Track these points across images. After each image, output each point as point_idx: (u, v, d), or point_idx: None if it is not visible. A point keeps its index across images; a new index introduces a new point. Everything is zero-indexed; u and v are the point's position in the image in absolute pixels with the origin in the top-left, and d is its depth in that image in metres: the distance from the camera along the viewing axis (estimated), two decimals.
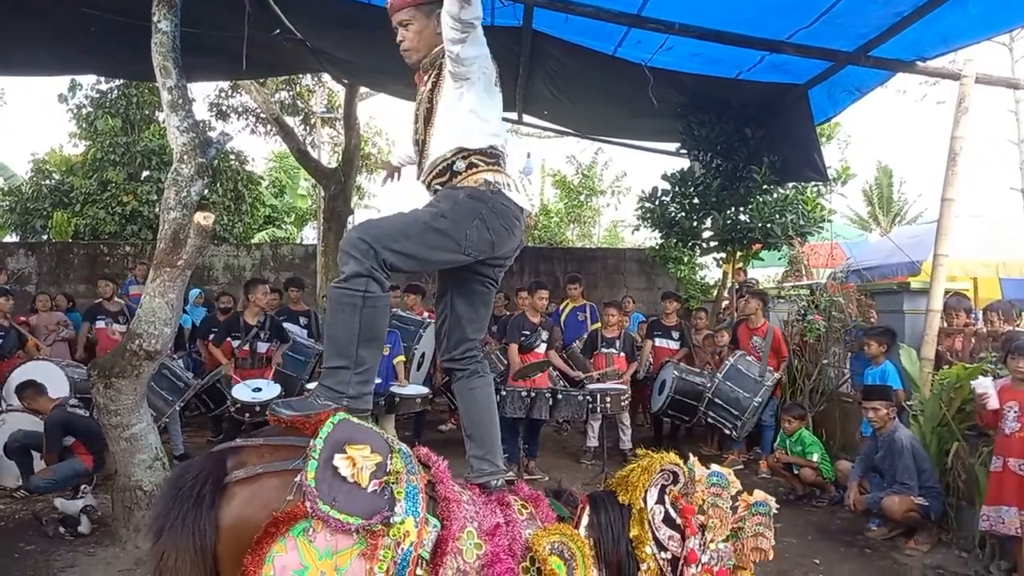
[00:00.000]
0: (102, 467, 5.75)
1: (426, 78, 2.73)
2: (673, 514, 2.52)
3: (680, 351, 8.04)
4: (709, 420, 7.11)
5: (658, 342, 8.19)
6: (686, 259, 8.81)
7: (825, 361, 7.10)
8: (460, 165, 2.62)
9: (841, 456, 6.31)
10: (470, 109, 2.62)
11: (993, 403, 4.58)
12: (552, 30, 6.51)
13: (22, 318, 8.33)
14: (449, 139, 2.65)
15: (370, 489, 2.05)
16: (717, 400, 6.93)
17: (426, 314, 7.60)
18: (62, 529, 5.14)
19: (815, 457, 6.19)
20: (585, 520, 2.55)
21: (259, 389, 6.50)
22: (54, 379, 6.45)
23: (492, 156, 2.65)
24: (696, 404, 7.11)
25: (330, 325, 2.40)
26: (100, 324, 7.97)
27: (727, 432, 7.08)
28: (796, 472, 6.27)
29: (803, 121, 7.69)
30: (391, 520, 2.04)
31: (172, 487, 2.03)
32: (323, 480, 1.99)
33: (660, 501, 2.52)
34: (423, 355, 7.07)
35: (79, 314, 9.85)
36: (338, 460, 2.03)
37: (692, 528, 2.49)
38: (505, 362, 7.04)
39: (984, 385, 4.62)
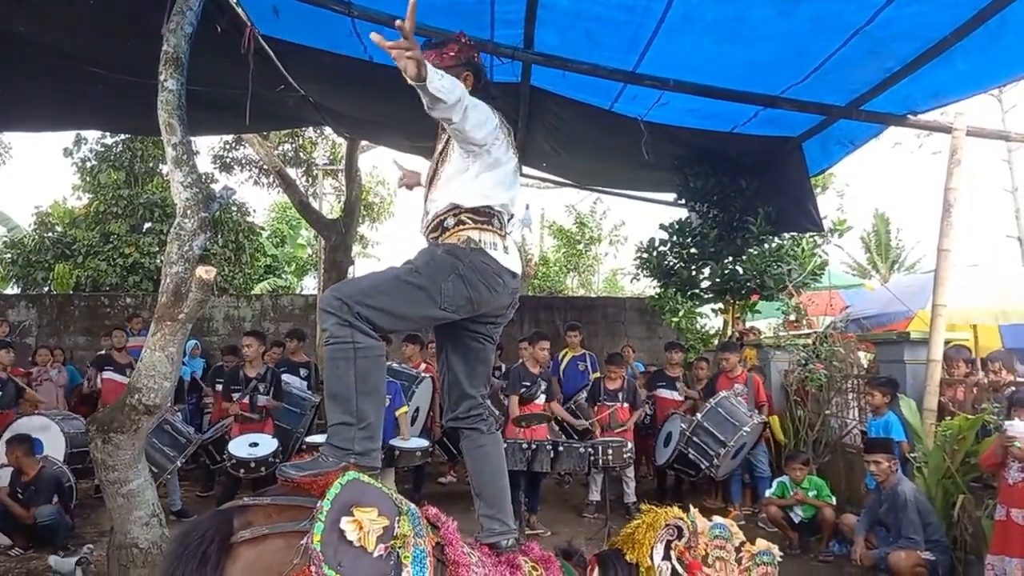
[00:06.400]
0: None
1: (442, 136, 2.79)
2: (680, 569, 2.50)
3: (685, 402, 7.98)
4: (690, 456, 6.81)
5: (662, 393, 8.15)
6: (681, 311, 8.81)
7: (828, 411, 7.05)
8: (450, 221, 2.68)
9: (847, 509, 6.23)
10: (471, 175, 2.69)
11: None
12: (550, 86, 6.64)
13: (21, 370, 8.30)
14: (446, 197, 2.72)
15: (376, 554, 2.03)
16: (705, 425, 6.67)
17: (423, 367, 7.54)
18: None
19: (833, 500, 6.18)
20: None
21: (256, 444, 6.43)
22: (51, 435, 6.39)
23: (484, 215, 2.69)
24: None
25: (328, 382, 2.42)
26: (107, 374, 7.88)
27: (703, 468, 6.79)
28: (802, 520, 6.20)
29: (798, 173, 7.80)
30: None
31: (178, 545, 2.02)
32: (329, 543, 1.97)
33: (666, 557, 2.51)
34: (417, 409, 7.02)
35: (73, 366, 9.88)
36: (345, 523, 2.02)
37: None
38: (497, 412, 6.96)
39: (1018, 428, 4.51)
